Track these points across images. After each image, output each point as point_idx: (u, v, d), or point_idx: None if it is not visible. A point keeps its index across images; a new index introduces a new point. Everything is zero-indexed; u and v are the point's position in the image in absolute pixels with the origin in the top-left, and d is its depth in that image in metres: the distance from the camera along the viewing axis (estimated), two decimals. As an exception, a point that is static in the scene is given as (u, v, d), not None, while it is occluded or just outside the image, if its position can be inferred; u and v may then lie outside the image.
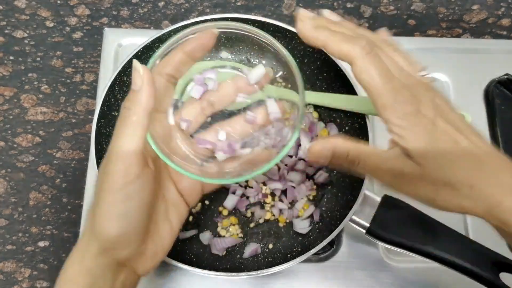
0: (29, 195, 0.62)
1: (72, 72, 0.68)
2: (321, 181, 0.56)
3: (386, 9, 0.74)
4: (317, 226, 0.54)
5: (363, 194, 0.49)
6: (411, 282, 0.56)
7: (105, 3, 0.72)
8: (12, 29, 0.70)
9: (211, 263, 0.52)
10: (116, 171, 0.31)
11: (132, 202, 0.32)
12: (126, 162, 0.31)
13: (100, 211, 0.32)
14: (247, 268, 0.52)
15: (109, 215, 0.31)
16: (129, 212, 0.32)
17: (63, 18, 0.71)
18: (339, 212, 0.53)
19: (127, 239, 0.33)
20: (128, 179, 0.31)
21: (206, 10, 0.72)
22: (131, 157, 0.31)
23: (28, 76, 0.67)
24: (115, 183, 0.31)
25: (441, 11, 0.74)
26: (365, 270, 0.56)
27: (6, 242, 0.60)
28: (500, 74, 0.65)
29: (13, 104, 0.66)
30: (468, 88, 0.66)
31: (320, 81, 0.59)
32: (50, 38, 0.70)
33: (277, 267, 0.47)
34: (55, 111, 0.66)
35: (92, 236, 0.33)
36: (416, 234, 0.47)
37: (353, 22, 0.36)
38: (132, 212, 0.32)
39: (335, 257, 0.56)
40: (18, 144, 0.64)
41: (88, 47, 0.69)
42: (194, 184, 0.38)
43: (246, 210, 0.56)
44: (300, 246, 0.53)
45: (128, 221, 0.32)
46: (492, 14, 0.74)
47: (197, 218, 0.55)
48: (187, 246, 0.53)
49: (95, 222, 0.32)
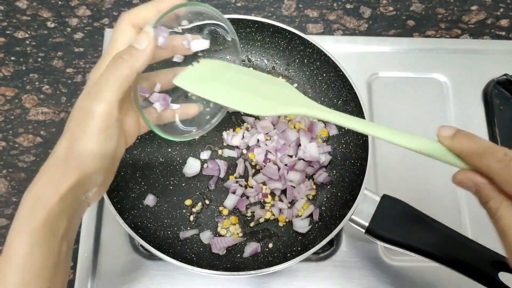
0: (30, 195, 0.62)
1: (73, 72, 0.68)
2: (320, 180, 0.57)
3: (385, 9, 0.74)
4: (316, 225, 0.55)
5: (362, 194, 0.49)
6: (410, 281, 0.56)
7: (106, 4, 0.72)
8: (13, 29, 0.70)
9: (212, 262, 0.52)
10: (101, 114, 0.34)
11: (110, 142, 0.36)
12: (111, 107, 0.35)
13: (85, 149, 0.35)
14: (247, 267, 0.52)
15: (93, 154, 0.35)
16: (108, 151, 0.36)
17: (64, 19, 0.71)
18: (338, 212, 0.53)
19: (102, 174, 0.37)
20: (110, 122, 0.35)
21: (206, 10, 0.72)
22: (115, 103, 0.35)
23: (29, 77, 0.68)
24: (100, 124, 0.34)
25: (440, 12, 0.74)
26: (364, 269, 0.56)
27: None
28: (499, 74, 0.65)
29: (14, 104, 0.66)
30: (467, 88, 0.66)
31: (320, 81, 0.59)
32: (51, 39, 0.70)
33: (277, 267, 0.47)
34: (56, 112, 0.66)
35: (68, 170, 0.35)
36: (415, 234, 0.48)
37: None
38: (109, 151, 0.36)
39: (335, 256, 0.57)
40: (19, 144, 0.64)
41: (89, 48, 0.70)
42: (135, 125, 0.41)
43: (246, 210, 0.56)
44: (300, 246, 0.53)
45: (106, 159, 0.36)
46: (491, 14, 0.74)
47: (197, 218, 0.55)
48: (188, 245, 0.54)
49: (76, 158, 0.35)
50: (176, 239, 0.54)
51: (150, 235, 0.52)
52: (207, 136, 0.59)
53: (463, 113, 0.64)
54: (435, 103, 0.65)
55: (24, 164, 0.63)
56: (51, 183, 0.35)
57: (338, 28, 0.72)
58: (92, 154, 0.35)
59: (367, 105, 0.63)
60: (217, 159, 0.58)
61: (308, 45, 0.57)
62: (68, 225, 0.36)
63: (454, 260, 0.46)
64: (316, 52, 0.57)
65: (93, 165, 0.35)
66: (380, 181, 0.60)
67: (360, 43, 0.68)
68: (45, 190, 0.34)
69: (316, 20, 0.72)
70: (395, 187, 0.51)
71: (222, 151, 0.58)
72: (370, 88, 0.65)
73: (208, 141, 0.59)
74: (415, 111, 0.64)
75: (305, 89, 0.61)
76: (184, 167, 0.57)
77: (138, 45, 0.36)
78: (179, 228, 0.55)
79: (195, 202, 0.56)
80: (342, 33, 0.72)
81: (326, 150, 0.57)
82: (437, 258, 0.47)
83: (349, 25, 0.72)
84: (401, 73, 0.66)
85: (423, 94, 0.65)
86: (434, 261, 0.48)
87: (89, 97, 0.35)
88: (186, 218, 0.55)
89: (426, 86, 0.66)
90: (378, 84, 0.65)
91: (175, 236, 0.54)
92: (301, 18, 0.73)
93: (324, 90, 0.59)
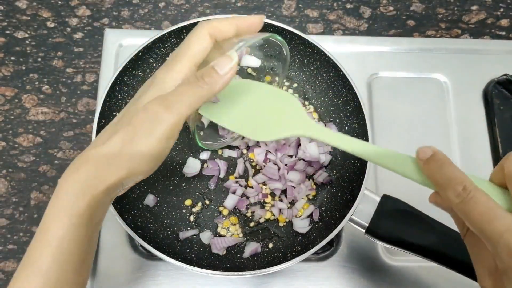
0: (30, 195, 0.62)
1: (73, 72, 0.68)
2: (320, 181, 0.57)
3: (385, 9, 0.74)
4: (316, 225, 0.55)
5: (362, 194, 0.49)
6: (410, 281, 0.56)
7: (105, 3, 0.72)
8: (13, 29, 0.70)
9: (212, 263, 0.52)
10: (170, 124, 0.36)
11: (166, 149, 0.37)
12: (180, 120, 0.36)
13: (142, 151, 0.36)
14: (247, 268, 0.52)
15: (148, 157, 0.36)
16: (161, 157, 0.38)
17: (64, 19, 0.71)
18: (338, 212, 0.53)
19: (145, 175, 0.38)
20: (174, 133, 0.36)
21: (206, 11, 0.72)
22: (184, 118, 0.36)
23: (29, 77, 0.68)
24: (166, 133, 0.36)
25: (440, 12, 0.74)
26: (364, 269, 0.56)
27: (7, 241, 0.60)
28: (499, 74, 0.65)
29: (14, 104, 0.66)
30: (467, 88, 0.66)
31: (320, 81, 0.59)
32: (51, 39, 0.70)
33: (277, 267, 0.47)
34: (56, 111, 0.66)
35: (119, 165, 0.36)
36: (415, 234, 0.47)
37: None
38: (162, 156, 0.38)
39: (335, 257, 0.57)
40: (19, 144, 0.64)
41: (89, 48, 0.70)
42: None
43: (246, 210, 0.56)
44: (300, 246, 0.53)
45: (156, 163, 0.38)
46: (491, 14, 0.74)
47: (197, 218, 0.55)
48: (188, 245, 0.54)
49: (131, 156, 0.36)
50: (176, 239, 0.54)
51: (150, 235, 0.52)
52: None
53: (463, 113, 0.64)
54: (435, 103, 0.65)
55: (24, 164, 0.63)
56: (99, 173, 0.36)
57: (338, 28, 0.72)
58: (147, 157, 0.36)
59: (367, 105, 0.63)
60: (217, 159, 0.58)
61: (308, 45, 0.57)
62: (103, 215, 0.38)
63: (454, 260, 0.46)
64: (316, 52, 0.57)
65: (144, 167, 0.37)
66: (380, 181, 0.60)
67: (360, 43, 0.68)
68: (92, 179, 0.35)
69: (316, 20, 0.72)
70: (395, 187, 0.51)
71: (222, 151, 0.58)
72: (370, 88, 0.65)
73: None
74: (415, 111, 0.64)
75: (305, 89, 0.61)
76: (184, 167, 0.57)
77: (220, 69, 0.37)
78: (179, 228, 0.55)
79: (195, 202, 0.56)
80: (342, 33, 0.72)
81: (326, 150, 0.57)
82: (437, 258, 0.47)
83: (349, 25, 0.72)
84: (401, 73, 0.66)
85: (423, 94, 0.65)
86: (434, 261, 0.48)
87: (162, 104, 0.36)
88: (186, 218, 0.55)
89: (426, 86, 0.66)
90: (378, 84, 0.65)
91: (175, 236, 0.54)
92: (301, 18, 0.73)
93: (324, 90, 0.59)
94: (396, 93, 0.65)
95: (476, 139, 0.63)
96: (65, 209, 0.35)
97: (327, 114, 0.59)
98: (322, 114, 0.60)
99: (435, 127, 0.64)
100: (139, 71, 0.56)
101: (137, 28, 0.71)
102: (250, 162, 0.58)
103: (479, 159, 0.62)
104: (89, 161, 0.36)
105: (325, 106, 0.60)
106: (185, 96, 0.36)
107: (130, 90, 0.56)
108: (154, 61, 0.57)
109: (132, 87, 0.56)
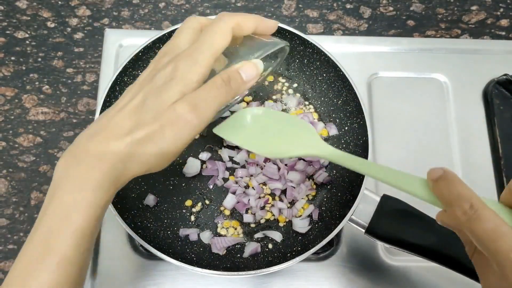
0: (31, 195, 0.62)
1: (73, 72, 0.68)
2: (320, 181, 0.57)
3: (385, 9, 0.74)
4: (316, 225, 0.55)
5: (362, 194, 0.49)
6: (410, 281, 0.56)
7: (106, 4, 0.72)
8: (13, 29, 0.70)
9: (212, 262, 0.52)
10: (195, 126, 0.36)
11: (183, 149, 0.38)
12: (204, 124, 0.37)
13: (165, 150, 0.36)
14: (247, 267, 0.52)
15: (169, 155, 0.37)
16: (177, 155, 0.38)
17: (64, 19, 0.71)
18: (338, 212, 0.53)
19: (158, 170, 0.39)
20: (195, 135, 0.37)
21: (207, 11, 0.72)
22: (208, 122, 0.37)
23: (29, 77, 0.68)
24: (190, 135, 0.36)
25: (440, 12, 0.74)
26: (364, 269, 0.56)
27: (7, 241, 0.60)
28: (499, 74, 0.65)
29: (14, 104, 0.66)
30: (467, 88, 0.66)
31: (320, 81, 0.59)
32: (51, 39, 0.70)
33: (277, 267, 0.47)
34: (56, 111, 0.66)
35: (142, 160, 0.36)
36: (415, 234, 0.48)
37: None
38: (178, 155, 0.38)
39: (335, 256, 0.57)
40: (19, 144, 0.64)
41: (89, 48, 0.70)
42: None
43: (247, 211, 0.56)
44: (300, 246, 0.53)
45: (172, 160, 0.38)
46: (491, 14, 0.74)
47: (197, 218, 0.56)
48: (188, 245, 0.54)
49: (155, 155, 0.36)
50: (176, 239, 0.54)
51: (150, 235, 0.52)
52: (207, 136, 0.59)
53: (463, 113, 0.64)
54: (435, 103, 0.65)
55: (24, 164, 0.63)
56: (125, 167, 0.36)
57: (338, 28, 0.72)
58: (170, 156, 0.37)
59: (367, 105, 0.63)
60: (217, 159, 0.58)
61: (308, 45, 0.57)
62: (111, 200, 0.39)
63: (454, 260, 0.46)
64: (316, 52, 0.57)
65: (163, 165, 0.38)
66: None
67: (360, 43, 0.68)
68: (118, 173, 0.36)
69: (316, 20, 0.73)
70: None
71: (222, 151, 0.58)
72: (370, 88, 0.65)
73: (208, 141, 0.59)
74: (415, 111, 0.64)
75: (305, 89, 0.61)
76: (184, 167, 0.57)
77: (246, 76, 0.38)
78: (179, 228, 0.55)
79: (195, 202, 0.56)
80: (342, 33, 0.72)
81: (326, 150, 0.57)
82: (437, 258, 0.47)
83: (349, 25, 0.72)
84: (401, 73, 0.66)
85: (423, 94, 0.65)
86: (434, 261, 0.48)
87: (191, 109, 0.36)
88: (186, 218, 0.55)
89: (426, 86, 0.66)
90: (378, 84, 0.65)
91: (175, 236, 0.54)
92: (301, 18, 0.73)
93: (324, 90, 0.59)
94: (396, 93, 0.65)
95: (476, 139, 0.63)
96: (90, 200, 0.35)
97: (327, 114, 0.60)
98: (322, 114, 0.60)
99: (435, 127, 0.64)
100: (139, 71, 0.56)
101: (137, 28, 0.71)
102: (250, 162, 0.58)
103: (479, 159, 0.62)
104: (116, 153, 0.36)
105: (325, 106, 0.60)
106: (212, 102, 0.36)
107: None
108: (154, 61, 0.57)
109: (132, 87, 0.56)
